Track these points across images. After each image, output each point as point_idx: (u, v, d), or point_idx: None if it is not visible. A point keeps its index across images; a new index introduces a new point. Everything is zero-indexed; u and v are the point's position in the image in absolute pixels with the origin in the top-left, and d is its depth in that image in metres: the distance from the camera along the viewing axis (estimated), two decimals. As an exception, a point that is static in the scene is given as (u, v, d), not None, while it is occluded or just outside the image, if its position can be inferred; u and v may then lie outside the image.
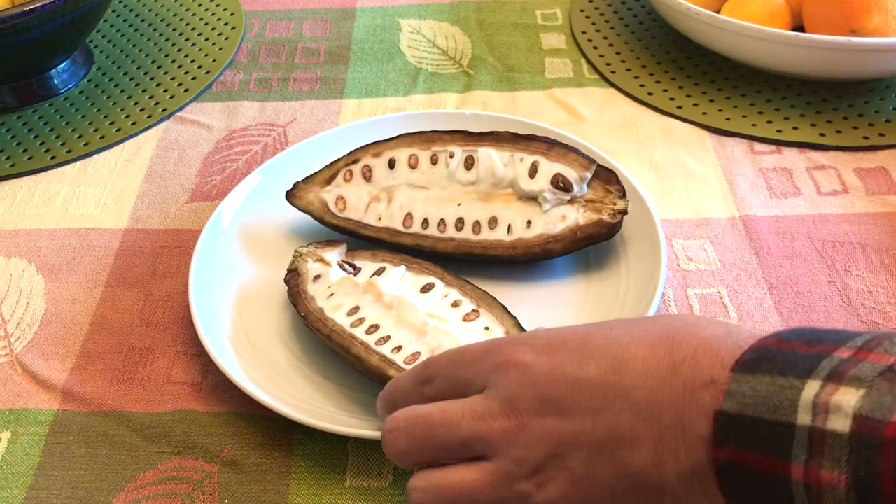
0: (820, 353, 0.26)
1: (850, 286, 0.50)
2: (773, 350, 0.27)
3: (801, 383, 0.25)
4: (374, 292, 0.46)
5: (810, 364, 0.26)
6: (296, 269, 0.49)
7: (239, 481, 0.42)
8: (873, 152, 0.60)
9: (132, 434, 0.45)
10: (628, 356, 0.30)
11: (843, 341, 0.26)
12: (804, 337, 0.27)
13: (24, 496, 0.42)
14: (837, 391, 0.24)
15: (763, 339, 0.28)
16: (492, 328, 0.43)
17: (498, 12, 0.78)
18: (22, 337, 0.50)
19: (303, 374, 0.46)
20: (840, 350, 0.26)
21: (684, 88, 0.67)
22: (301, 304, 0.46)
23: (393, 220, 0.50)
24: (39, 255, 0.56)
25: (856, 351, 0.26)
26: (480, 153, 0.50)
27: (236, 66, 0.73)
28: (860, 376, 0.24)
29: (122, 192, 0.60)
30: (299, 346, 0.48)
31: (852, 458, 0.23)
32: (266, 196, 0.56)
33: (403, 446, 0.33)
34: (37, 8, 0.58)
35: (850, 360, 0.25)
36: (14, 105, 0.69)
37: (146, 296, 0.52)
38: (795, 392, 0.25)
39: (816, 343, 0.27)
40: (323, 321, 0.45)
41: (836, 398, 0.24)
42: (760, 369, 0.26)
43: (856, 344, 0.26)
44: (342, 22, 0.78)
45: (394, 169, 0.51)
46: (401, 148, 0.51)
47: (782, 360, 0.26)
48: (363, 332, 0.44)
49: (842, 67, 0.61)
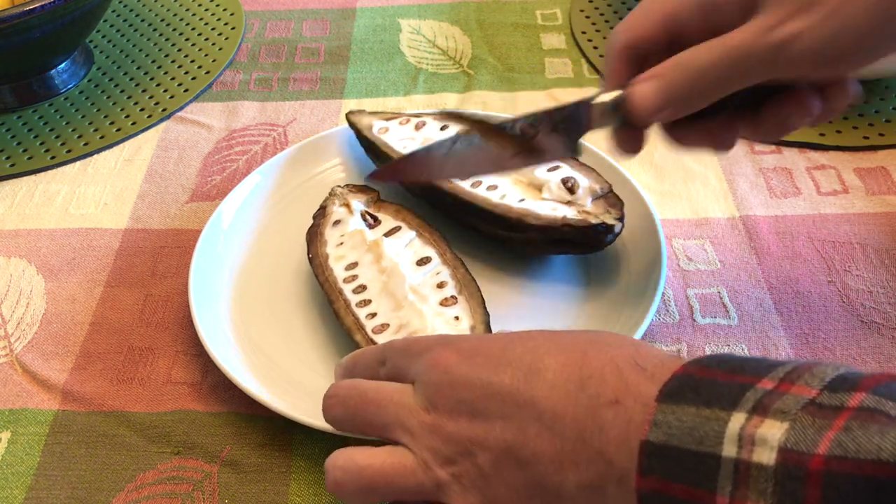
0: (743, 383, 0.26)
1: (850, 286, 0.50)
2: (696, 378, 0.28)
3: (727, 415, 0.26)
4: (376, 253, 0.48)
5: (735, 395, 0.26)
6: (325, 207, 0.52)
7: (239, 481, 0.42)
8: (873, 152, 0.60)
9: (132, 434, 0.45)
10: (541, 367, 0.31)
11: (766, 372, 0.27)
12: (724, 365, 0.28)
13: (23, 496, 0.42)
14: (762, 424, 0.25)
15: (685, 365, 0.28)
16: (461, 319, 0.44)
17: (498, 12, 0.78)
18: (22, 337, 0.50)
19: (303, 373, 0.46)
20: (763, 381, 0.26)
21: (684, 88, 0.67)
22: (314, 245, 0.49)
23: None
24: (39, 256, 0.56)
25: (778, 382, 0.26)
26: None
27: (236, 66, 0.73)
28: (784, 409, 0.25)
29: (122, 192, 0.60)
30: (299, 345, 0.48)
31: (777, 490, 0.24)
32: (266, 196, 0.56)
33: (338, 413, 0.37)
34: (37, 8, 0.58)
35: (773, 393, 0.26)
36: (14, 105, 0.69)
37: (146, 296, 0.52)
38: (721, 424, 0.25)
39: (738, 372, 0.27)
40: (322, 268, 0.48)
41: (761, 431, 0.25)
42: (685, 399, 0.27)
43: (778, 375, 0.26)
44: (342, 22, 0.78)
45: (442, 131, 0.55)
46: (461, 125, 0.55)
47: (706, 390, 0.27)
48: (350, 290, 0.47)
49: (842, 67, 0.61)
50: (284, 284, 0.52)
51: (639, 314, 0.45)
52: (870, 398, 0.24)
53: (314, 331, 0.49)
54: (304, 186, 0.58)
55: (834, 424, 0.24)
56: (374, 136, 0.55)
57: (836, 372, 0.26)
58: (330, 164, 0.59)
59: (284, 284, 0.52)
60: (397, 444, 0.34)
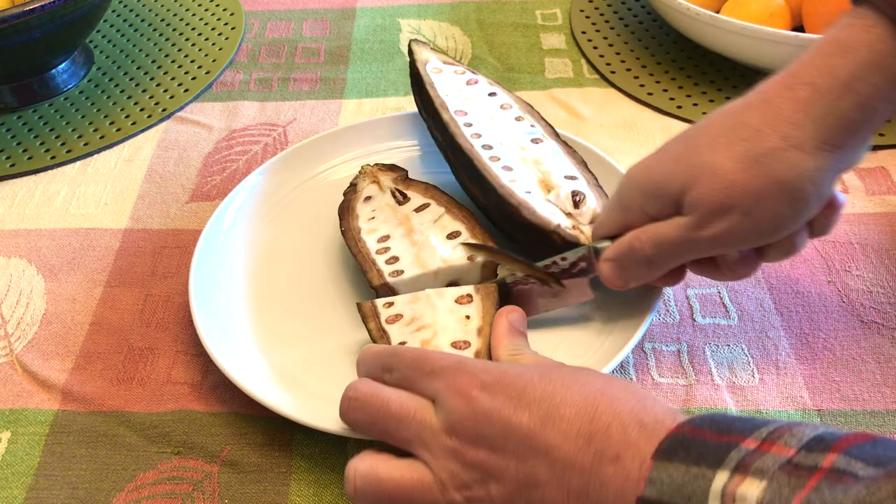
0: (728, 443, 0.29)
1: (850, 286, 0.50)
2: (688, 438, 0.30)
3: (712, 473, 0.28)
4: (407, 226, 0.50)
5: (720, 455, 0.28)
6: (355, 184, 0.53)
7: (239, 481, 0.42)
8: (873, 152, 0.60)
9: (132, 434, 0.45)
10: (556, 416, 0.33)
11: (750, 431, 0.29)
12: (715, 425, 0.30)
13: (23, 496, 0.42)
14: (743, 482, 0.27)
15: (680, 425, 0.31)
16: (472, 319, 0.44)
17: (498, 12, 0.78)
18: (22, 337, 0.50)
19: (303, 374, 0.46)
20: (747, 441, 0.29)
21: (684, 88, 0.67)
22: (346, 219, 0.51)
23: (456, 105, 0.54)
24: (39, 255, 0.56)
25: (760, 442, 0.28)
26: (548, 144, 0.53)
27: (236, 66, 0.73)
28: (763, 468, 0.27)
29: (122, 192, 0.60)
30: (300, 346, 0.48)
31: None
32: (266, 196, 0.56)
33: (357, 417, 0.38)
34: (37, 8, 0.58)
35: (755, 452, 0.28)
36: (14, 105, 0.69)
37: (146, 296, 0.52)
38: (707, 482, 0.28)
39: (726, 432, 0.29)
40: (355, 241, 0.50)
41: (741, 489, 0.27)
42: (676, 457, 0.29)
43: (761, 435, 0.29)
44: (342, 22, 0.78)
45: (490, 98, 0.55)
46: (510, 98, 0.56)
47: (696, 450, 0.29)
48: (384, 262, 0.48)
49: (842, 67, 0.61)
50: (284, 284, 0.52)
51: (639, 314, 0.45)
52: (841, 459, 0.26)
53: (315, 330, 0.49)
54: (304, 186, 0.58)
55: (806, 485, 0.26)
56: (425, 71, 0.56)
57: (815, 432, 0.28)
58: (330, 163, 0.59)
59: (284, 284, 0.52)
60: (414, 457, 0.36)
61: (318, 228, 0.55)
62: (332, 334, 0.48)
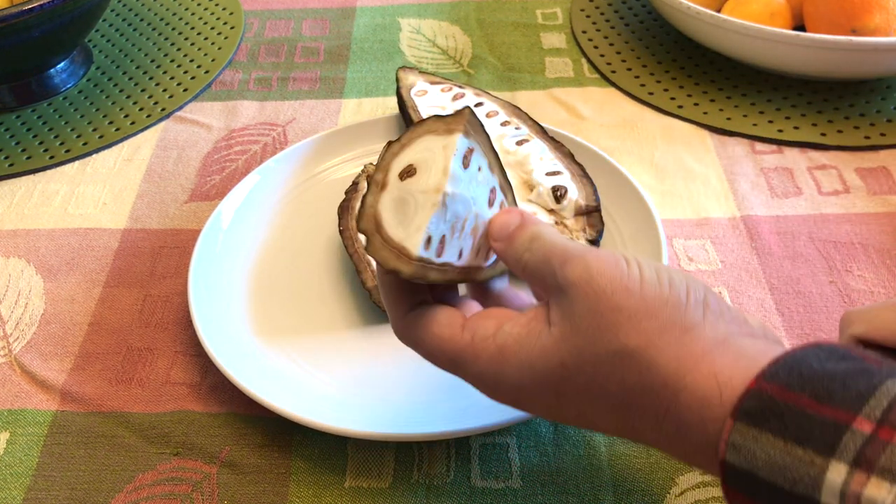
0: (836, 422, 0.25)
1: (852, 286, 0.50)
2: (780, 404, 0.26)
3: (824, 462, 0.24)
4: None
5: (829, 437, 0.25)
6: (357, 183, 0.53)
7: (238, 482, 0.42)
8: (875, 152, 0.60)
9: (131, 435, 0.45)
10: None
11: (858, 405, 0.25)
12: (810, 386, 0.26)
13: (22, 497, 0.42)
14: (868, 483, 0.24)
15: (761, 381, 0.26)
16: None
17: (498, 12, 0.78)
18: (21, 337, 0.50)
19: (302, 373, 0.46)
20: (858, 420, 0.25)
21: (685, 88, 0.67)
22: (344, 218, 0.51)
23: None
24: (38, 255, 0.56)
25: (876, 425, 0.24)
26: (534, 143, 0.53)
27: (236, 66, 0.73)
28: (892, 468, 0.24)
29: (122, 191, 0.60)
30: (299, 346, 0.48)
31: None
32: (266, 196, 0.56)
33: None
34: (36, 7, 0.57)
35: (874, 440, 0.24)
36: (13, 105, 0.68)
37: (145, 296, 0.52)
38: (818, 471, 0.24)
39: (826, 400, 0.25)
40: (353, 240, 0.50)
41: (868, 492, 0.24)
42: (769, 426, 0.26)
43: (873, 413, 0.25)
44: (342, 21, 0.77)
45: (475, 108, 0.56)
46: (496, 105, 0.56)
47: (794, 423, 0.25)
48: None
49: (843, 67, 0.61)
50: (284, 284, 0.51)
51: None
52: None
53: (315, 330, 0.49)
54: (304, 186, 0.58)
55: None
56: (408, 95, 0.56)
57: None
58: (330, 163, 0.59)
59: (284, 284, 0.51)
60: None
61: (317, 228, 0.55)
62: (332, 334, 0.48)
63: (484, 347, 0.32)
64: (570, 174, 0.51)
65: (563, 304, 0.30)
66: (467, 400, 0.43)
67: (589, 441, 0.43)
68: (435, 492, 0.41)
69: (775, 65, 0.64)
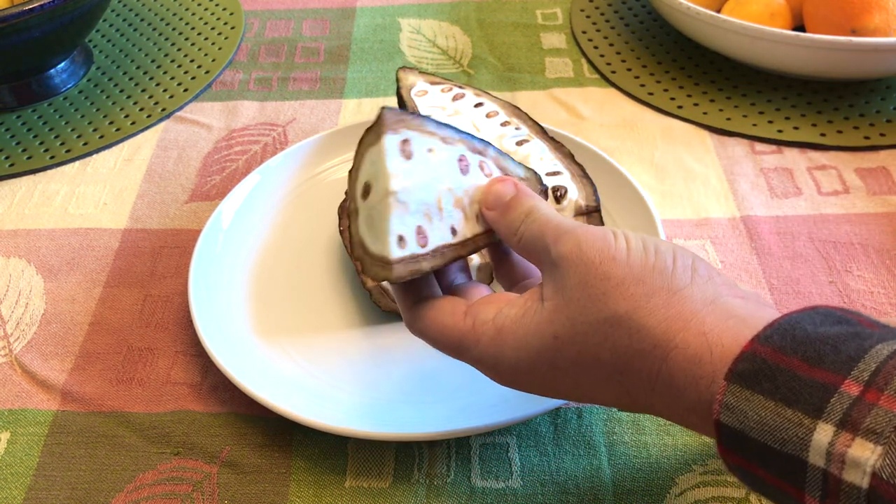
0: (825, 383, 0.25)
1: (851, 287, 0.50)
2: (772, 366, 0.26)
3: (811, 422, 0.25)
4: None
5: (817, 399, 0.25)
6: None
7: (239, 482, 0.42)
8: (874, 152, 0.60)
9: (132, 434, 0.45)
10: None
11: (847, 367, 0.25)
12: (801, 350, 0.26)
13: (23, 496, 0.42)
14: (853, 443, 0.24)
15: (753, 342, 0.27)
16: None
17: (498, 12, 0.78)
18: (21, 337, 0.50)
19: (302, 374, 0.46)
20: (847, 382, 0.25)
21: (685, 88, 0.67)
22: (344, 218, 0.51)
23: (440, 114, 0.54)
24: (39, 255, 0.56)
25: (864, 387, 0.25)
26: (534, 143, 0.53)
27: (236, 66, 0.73)
28: (875, 428, 0.24)
29: (122, 192, 0.60)
30: (299, 346, 0.48)
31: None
32: (266, 196, 0.56)
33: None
34: (36, 7, 0.57)
35: (860, 402, 0.25)
36: (13, 105, 0.68)
37: (146, 296, 0.52)
38: (806, 431, 0.25)
39: (817, 363, 0.26)
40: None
41: (852, 452, 0.24)
42: (760, 388, 0.26)
43: (862, 376, 0.25)
44: (342, 21, 0.77)
45: (475, 108, 0.55)
46: (497, 105, 0.56)
47: (785, 385, 0.26)
48: None
49: (843, 67, 0.61)
50: (284, 284, 0.51)
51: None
52: None
53: (315, 330, 0.49)
54: (304, 186, 0.58)
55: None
56: (408, 96, 0.56)
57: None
58: (330, 163, 0.59)
59: (284, 284, 0.51)
60: None
61: (318, 228, 0.55)
62: (332, 334, 0.48)
63: (484, 331, 0.33)
64: (571, 174, 0.51)
65: (556, 277, 0.32)
66: (467, 400, 0.43)
67: (589, 441, 0.43)
68: (435, 492, 0.41)
69: (775, 65, 0.64)
